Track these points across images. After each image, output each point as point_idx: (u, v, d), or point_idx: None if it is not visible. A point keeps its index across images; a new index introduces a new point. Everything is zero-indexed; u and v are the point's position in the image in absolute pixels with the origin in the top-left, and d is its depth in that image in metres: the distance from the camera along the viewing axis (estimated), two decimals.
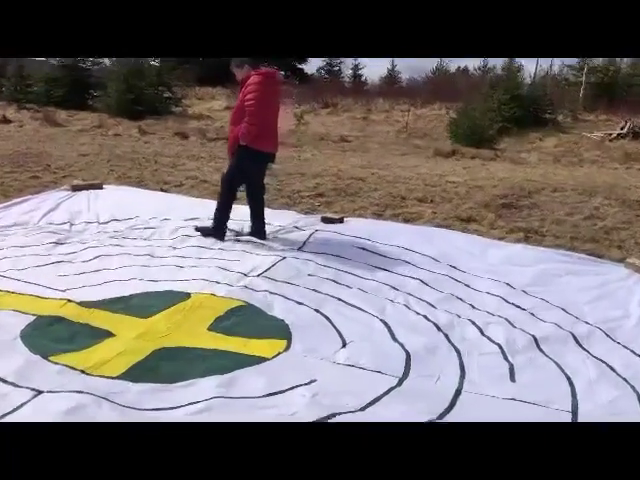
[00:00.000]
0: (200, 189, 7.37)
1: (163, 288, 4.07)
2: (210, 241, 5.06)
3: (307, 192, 7.32)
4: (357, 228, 5.51)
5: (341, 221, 5.77)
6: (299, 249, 4.98)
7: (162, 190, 7.14)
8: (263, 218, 5.25)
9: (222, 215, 5.11)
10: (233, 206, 5.18)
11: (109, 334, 3.36)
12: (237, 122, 4.81)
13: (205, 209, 6.05)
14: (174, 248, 4.90)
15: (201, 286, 4.09)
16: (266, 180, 5.36)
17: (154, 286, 4.10)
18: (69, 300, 3.76)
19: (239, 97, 4.95)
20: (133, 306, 3.75)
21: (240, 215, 5.38)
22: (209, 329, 3.50)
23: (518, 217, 6.55)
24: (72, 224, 5.48)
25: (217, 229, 5.10)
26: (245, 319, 3.65)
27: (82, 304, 3.73)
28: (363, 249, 4.99)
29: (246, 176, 5.06)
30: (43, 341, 3.23)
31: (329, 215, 5.92)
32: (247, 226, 5.33)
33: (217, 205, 5.11)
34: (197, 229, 5.10)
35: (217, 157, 9.70)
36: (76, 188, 6.50)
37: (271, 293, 4.03)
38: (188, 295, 3.93)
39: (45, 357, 3.06)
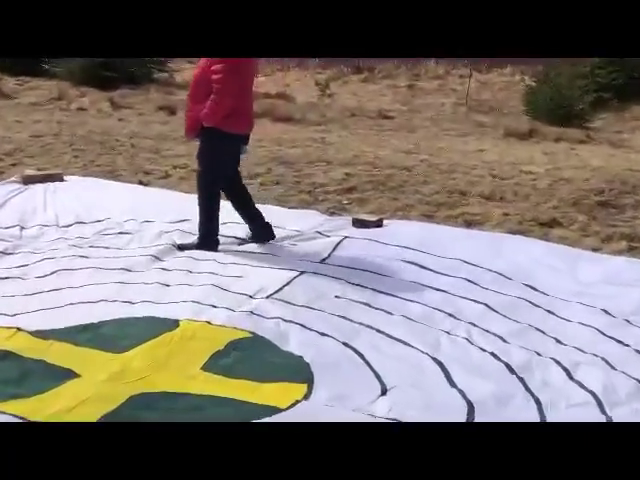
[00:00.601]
0: (192, 181, 7.36)
1: (142, 313, 4.10)
2: (205, 251, 5.09)
3: (333, 185, 7.33)
4: (400, 234, 5.51)
5: (379, 225, 5.78)
6: (322, 262, 5.00)
7: (141, 183, 7.20)
8: (259, 212, 5.28)
9: (209, 220, 5.15)
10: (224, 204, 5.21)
11: (71, 374, 3.40)
12: (200, 98, 4.85)
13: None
14: (157, 259, 4.95)
15: (193, 311, 4.12)
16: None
17: (130, 310, 4.13)
18: (19, 329, 3.81)
19: (199, 63, 4.99)
20: (103, 337, 3.79)
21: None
22: (204, 369, 3.52)
23: (619, 220, 6.48)
24: (23, 228, 5.56)
25: (206, 238, 5.14)
26: (251, 355, 3.67)
27: (36, 334, 3.77)
28: (409, 262, 4.99)
29: (223, 166, 5.15)
30: None
31: (363, 217, 5.93)
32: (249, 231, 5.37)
33: (200, 211, 5.15)
34: (180, 248, 5.14)
35: None
36: (28, 180, 6.59)
37: (285, 321, 4.05)
38: (175, 323, 3.97)
39: None
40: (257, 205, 6.37)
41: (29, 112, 11.58)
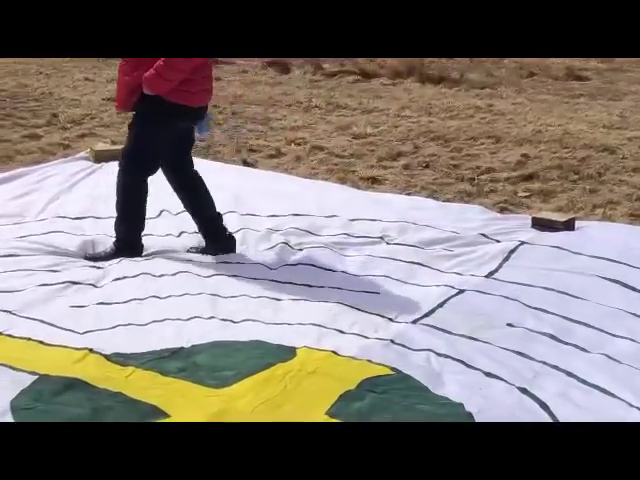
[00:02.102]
0: (310, 162, 7.54)
1: (249, 337, 4.21)
2: (327, 258, 5.19)
3: (505, 171, 7.29)
4: (600, 241, 5.45)
5: (570, 227, 5.70)
6: (490, 276, 4.99)
7: (245, 163, 7.36)
8: (218, 216, 5.30)
9: (133, 219, 5.21)
10: None
11: (158, 413, 3.51)
12: (141, 61, 4.84)
13: (321, 197, 6.19)
14: (266, 267, 5.06)
15: (314, 337, 4.20)
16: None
17: (233, 332, 4.26)
18: (91, 350, 3.98)
19: None
20: (197, 366, 3.90)
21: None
22: (330, 414, 3.56)
23: None
24: (97, 218, 5.76)
25: (125, 244, 5.18)
26: (392, 400, 3.69)
27: (113, 358, 3.93)
28: (611, 281, 4.92)
29: (162, 150, 5.17)
30: (48, 421, 3.41)
31: (546, 215, 5.88)
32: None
33: (121, 204, 5.19)
34: (88, 258, 5.18)
35: (341, 106, 9.85)
36: (101, 156, 6.83)
37: (439, 355, 4.06)
38: (292, 351, 4.05)
39: None
40: (400, 195, 6.45)
41: (102, 67, 11.97)
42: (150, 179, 5.13)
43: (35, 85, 10.44)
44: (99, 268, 4.93)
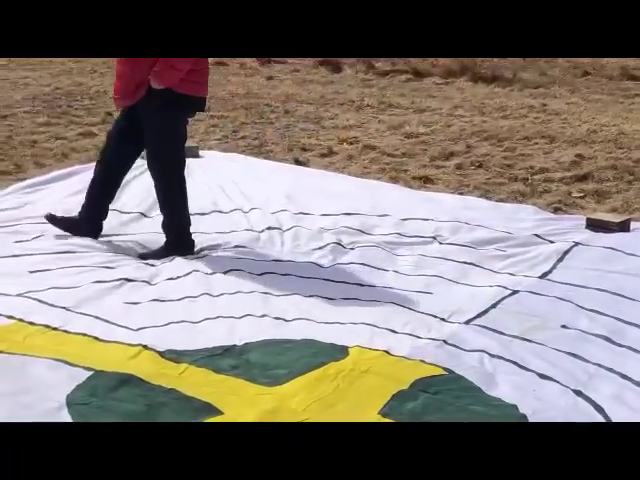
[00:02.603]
0: (363, 161, 7.55)
1: (300, 335, 4.21)
2: (379, 257, 5.20)
3: (559, 172, 7.24)
4: None
5: (625, 228, 5.65)
6: (544, 277, 4.96)
7: (297, 162, 7.39)
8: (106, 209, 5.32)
9: (179, 217, 5.25)
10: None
11: (212, 410, 3.52)
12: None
13: (373, 197, 6.20)
14: (318, 266, 5.07)
15: (366, 336, 4.19)
16: None
17: (285, 330, 4.26)
18: (145, 347, 4.01)
19: None
20: (249, 364, 3.92)
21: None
22: (383, 414, 3.56)
23: None
24: (146, 217, 5.84)
25: (176, 244, 5.22)
26: (446, 400, 3.68)
27: (166, 355, 3.96)
28: None
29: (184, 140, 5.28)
30: (103, 416, 3.46)
31: (601, 216, 5.84)
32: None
33: (165, 205, 5.25)
34: (141, 257, 5.21)
35: (394, 105, 9.87)
36: None
37: (492, 356, 4.04)
38: (344, 351, 4.04)
39: None
40: (452, 195, 6.44)
41: None
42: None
43: (90, 84, 10.59)
44: (152, 266, 4.98)
